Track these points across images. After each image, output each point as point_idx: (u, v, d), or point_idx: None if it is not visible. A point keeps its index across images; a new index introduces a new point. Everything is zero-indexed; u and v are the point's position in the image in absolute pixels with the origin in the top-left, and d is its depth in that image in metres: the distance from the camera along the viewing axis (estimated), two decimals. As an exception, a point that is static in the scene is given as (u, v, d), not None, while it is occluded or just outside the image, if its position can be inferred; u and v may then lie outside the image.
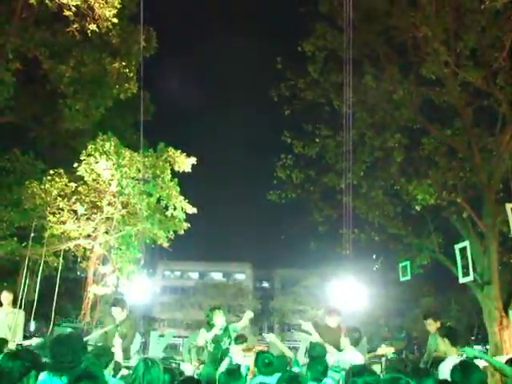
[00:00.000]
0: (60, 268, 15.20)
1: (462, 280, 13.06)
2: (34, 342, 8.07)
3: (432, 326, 7.26)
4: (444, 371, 4.81)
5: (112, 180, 14.27)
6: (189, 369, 6.08)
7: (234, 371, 4.45)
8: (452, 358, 5.19)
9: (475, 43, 12.97)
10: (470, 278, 12.77)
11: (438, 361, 5.86)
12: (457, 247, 13.15)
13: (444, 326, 7.28)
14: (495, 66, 12.99)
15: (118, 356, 6.12)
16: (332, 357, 6.19)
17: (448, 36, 13.12)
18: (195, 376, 6.26)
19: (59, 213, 14.38)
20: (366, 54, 14.93)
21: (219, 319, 7.11)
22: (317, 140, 15.99)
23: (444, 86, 13.75)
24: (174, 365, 5.96)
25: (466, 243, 12.90)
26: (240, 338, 8.01)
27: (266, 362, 5.10)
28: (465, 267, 13.42)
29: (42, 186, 14.04)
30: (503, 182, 13.98)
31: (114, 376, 4.81)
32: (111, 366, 4.66)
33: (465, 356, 5.45)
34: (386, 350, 7.72)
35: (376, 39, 14.72)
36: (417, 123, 14.65)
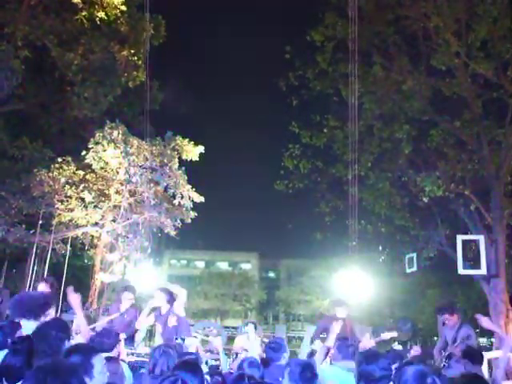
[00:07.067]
0: (68, 255, 15.34)
1: (461, 271, 12.98)
2: None
3: (450, 320, 7.01)
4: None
5: (119, 168, 14.34)
6: (193, 343, 6.07)
7: None
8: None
9: (486, 34, 12.82)
10: (483, 271, 12.70)
11: None
12: (459, 238, 13.06)
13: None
14: (506, 57, 12.86)
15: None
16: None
17: (459, 26, 12.98)
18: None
19: (67, 200, 14.48)
20: (376, 44, 14.81)
21: None
22: (324, 130, 15.91)
23: (454, 77, 13.61)
24: (178, 340, 5.94)
25: (480, 237, 12.82)
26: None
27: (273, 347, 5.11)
28: (471, 260, 13.36)
29: (50, 174, 14.13)
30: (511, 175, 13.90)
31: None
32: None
33: None
34: (390, 335, 7.68)
35: (386, 29, 14.56)
36: (426, 114, 14.51)
